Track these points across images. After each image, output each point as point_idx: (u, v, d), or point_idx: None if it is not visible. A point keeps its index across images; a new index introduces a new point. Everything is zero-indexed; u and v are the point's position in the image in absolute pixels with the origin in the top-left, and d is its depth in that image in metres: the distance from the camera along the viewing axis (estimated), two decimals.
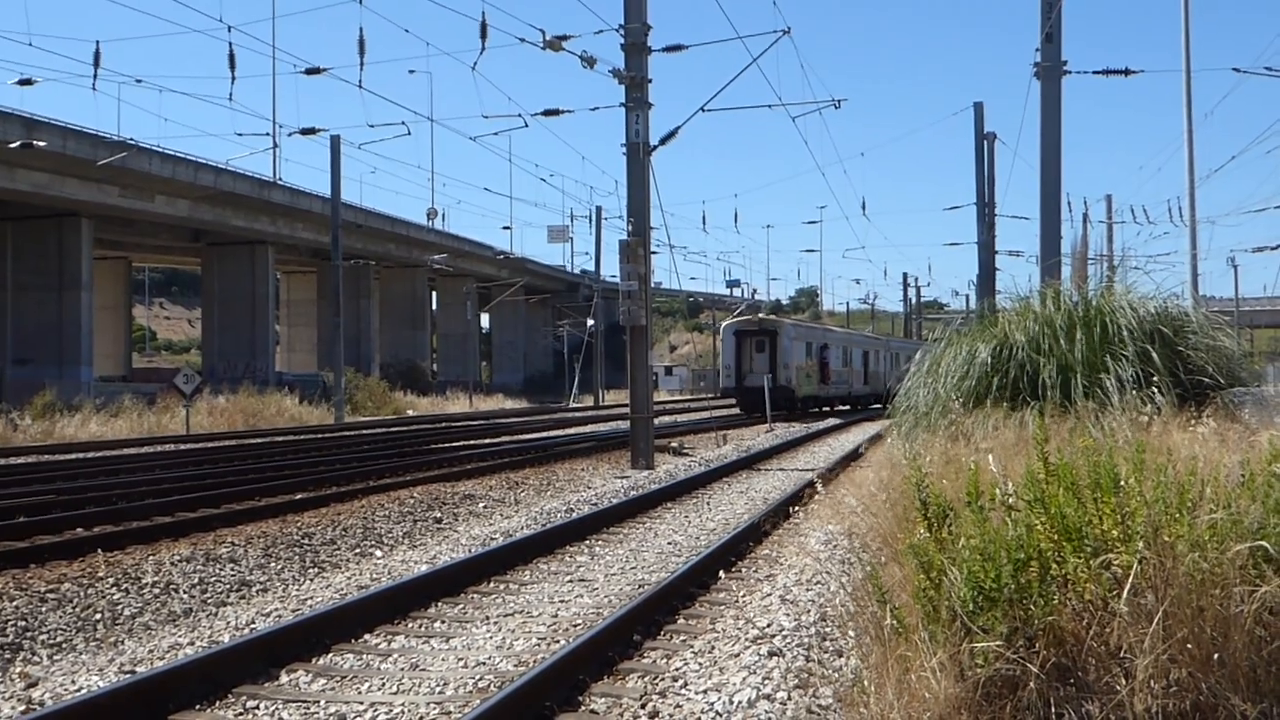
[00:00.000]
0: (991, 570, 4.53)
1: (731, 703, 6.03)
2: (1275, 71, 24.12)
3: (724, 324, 48.15)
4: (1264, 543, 4.49)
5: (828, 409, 48.54)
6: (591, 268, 67.97)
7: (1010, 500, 5.14)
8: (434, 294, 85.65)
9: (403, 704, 6.50)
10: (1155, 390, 9.98)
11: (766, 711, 5.85)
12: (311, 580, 10.91)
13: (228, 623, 8.70)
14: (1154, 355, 10.88)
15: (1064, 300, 12.42)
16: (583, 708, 6.44)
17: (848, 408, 51.75)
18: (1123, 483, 4.81)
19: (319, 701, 6.60)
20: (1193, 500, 4.72)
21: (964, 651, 4.48)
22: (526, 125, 28.50)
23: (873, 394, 55.16)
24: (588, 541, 12.57)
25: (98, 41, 28.96)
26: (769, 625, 7.58)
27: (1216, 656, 4.37)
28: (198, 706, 6.54)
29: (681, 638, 7.99)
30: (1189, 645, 4.37)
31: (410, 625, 8.56)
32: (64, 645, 8.48)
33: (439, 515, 15.06)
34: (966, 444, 9.31)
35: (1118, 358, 10.81)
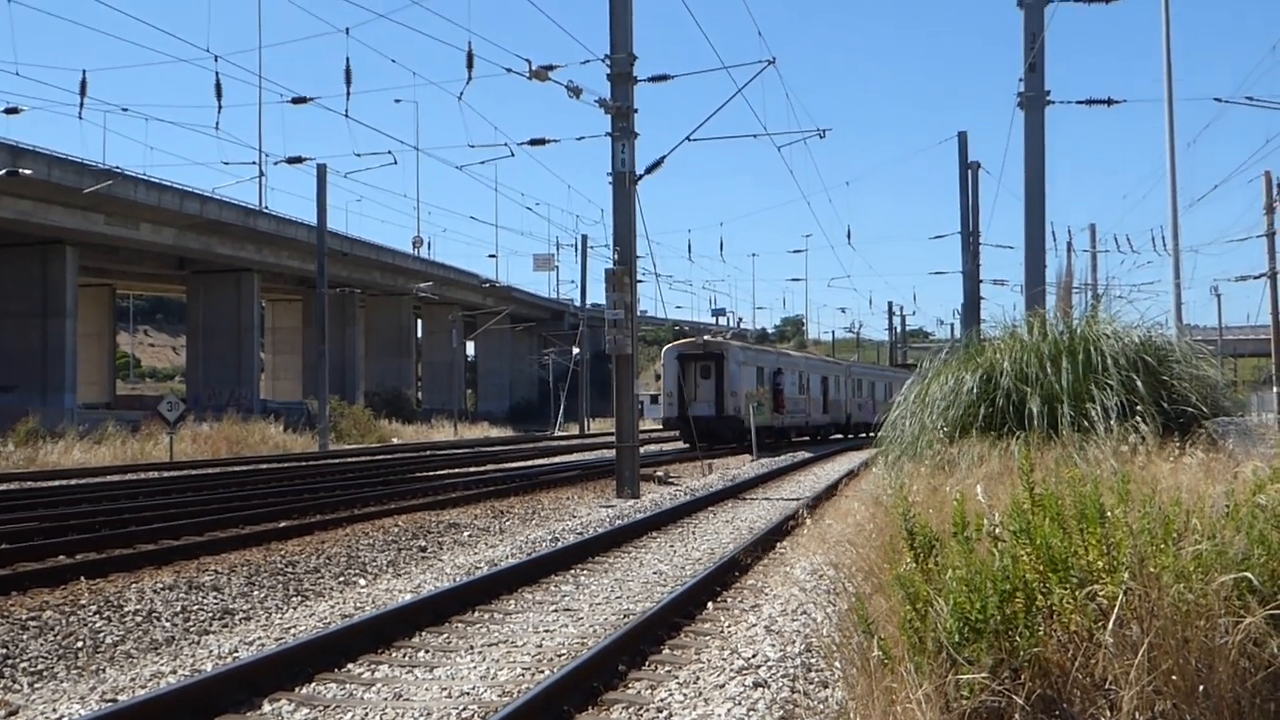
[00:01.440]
0: (977, 601, 4.53)
1: None
2: (1257, 101, 24.29)
3: (665, 348, 44.13)
4: (1248, 574, 4.50)
5: (784, 441, 43.79)
6: (577, 296, 67.98)
7: (996, 531, 5.15)
8: (419, 322, 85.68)
9: None
10: (1140, 420, 10.00)
11: None
12: (295, 609, 10.85)
13: (210, 651, 8.65)
14: (1139, 384, 10.91)
15: (1049, 329, 12.45)
16: None
17: (806, 439, 47.76)
18: (1108, 513, 4.82)
19: None
20: (1178, 531, 4.73)
21: (949, 683, 4.47)
22: (512, 154, 28.69)
23: (833, 424, 52.02)
24: (573, 571, 12.53)
25: (84, 70, 29.01)
26: (754, 656, 7.57)
27: (1201, 688, 4.37)
28: None
29: (666, 668, 7.97)
30: (1174, 676, 4.37)
31: (394, 654, 8.52)
32: (45, 673, 8.41)
33: (423, 544, 15.00)
34: (952, 474, 9.32)
35: (1103, 387, 10.83)
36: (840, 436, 51.97)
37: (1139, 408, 10.40)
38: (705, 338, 43.99)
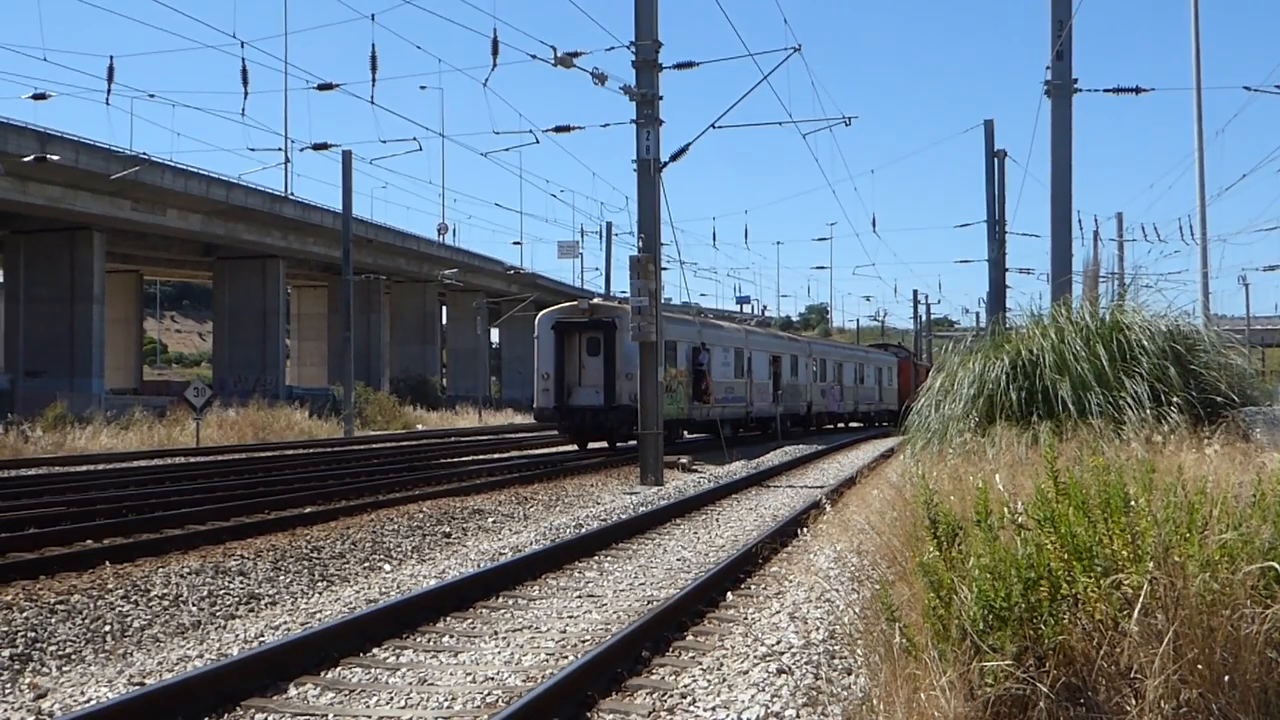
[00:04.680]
0: (1001, 589, 4.52)
1: None
2: None
3: (539, 315, 32.06)
4: (1275, 564, 4.48)
5: (709, 435, 34.57)
6: (602, 283, 67.96)
7: (1020, 519, 5.14)
8: (444, 309, 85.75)
9: (410, 718, 6.50)
10: (1171, 409, 9.98)
11: None
12: (320, 594, 10.91)
13: (236, 635, 8.71)
14: (1171, 372, 10.88)
15: (1078, 317, 12.41)
16: None
17: (757, 433, 38.95)
18: (1133, 502, 4.81)
19: (327, 715, 6.61)
20: (1203, 520, 4.71)
21: (973, 670, 4.47)
22: (538, 141, 28.64)
23: (788, 414, 41.78)
24: (597, 557, 12.56)
25: (111, 56, 29.32)
26: (778, 643, 7.57)
27: (1227, 678, 4.36)
28: (206, 719, 6.54)
29: (690, 654, 7.98)
30: (1199, 666, 4.35)
31: (418, 639, 8.56)
32: (73, 656, 8.49)
33: (448, 530, 15.05)
34: (978, 462, 9.30)
35: (1132, 375, 10.80)
36: (800, 430, 43.32)
37: (1173, 397, 10.38)
38: (594, 300, 33.34)
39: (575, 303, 32.31)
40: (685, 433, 33.26)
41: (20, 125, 40.32)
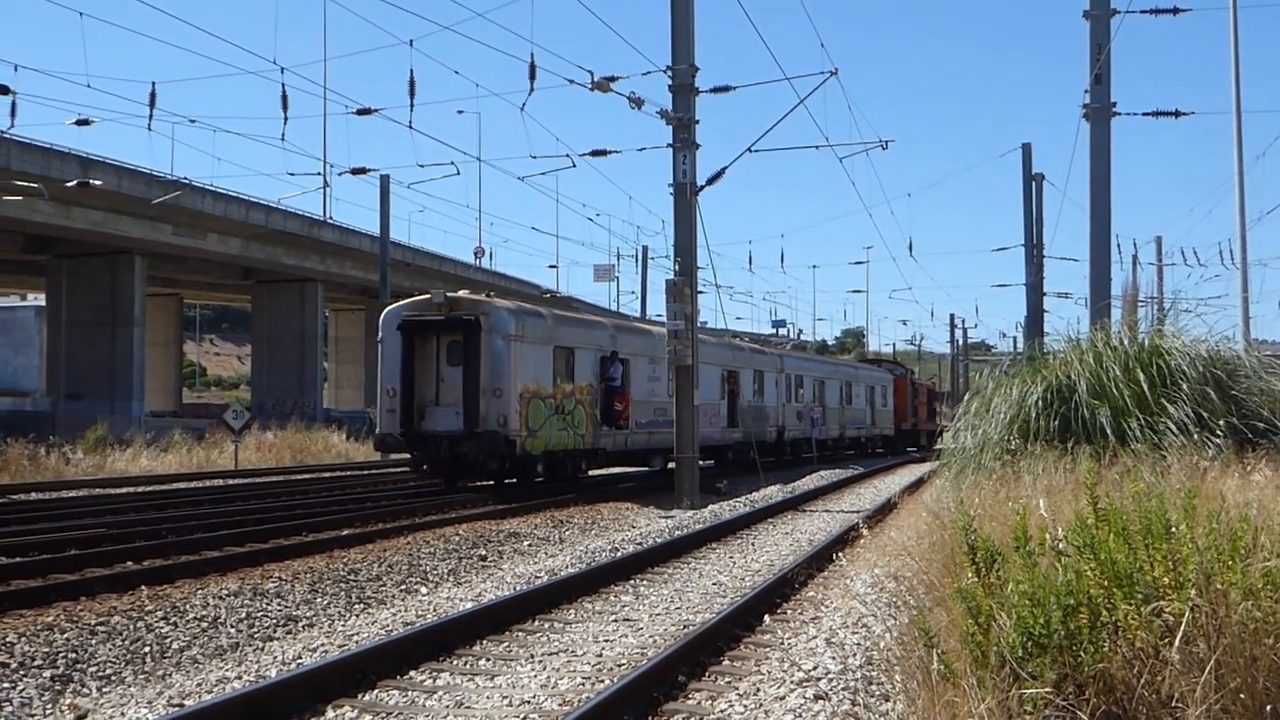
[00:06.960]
0: (1041, 616, 4.50)
1: None
2: None
3: (385, 311, 24.49)
4: None
5: (655, 469, 28.90)
6: (637, 307, 67.97)
7: (1060, 545, 5.11)
8: None
9: None
10: (1212, 434, 9.91)
11: None
12: (357, 616, 10.95)
13: (274, 658, 8.75)
14: (1213, 397, 10.80)
15: (1117, 342, 12.35)
16: None
17: (710, 462, 31.69)
18: (1174, 529, 4.77)
19: None
20: (1246, 548, 4.67)
21: (1012, 698, 4.45)
22: (574, 165, 28.60)
23: (746, 442, 33.65)
24: (632, 581, 12.55)
25: (154, 83, 29.63)
26: (815, 668, 7.54)
27: (1269, 708, 4.31)
28: None
29: (726, 679, 7.96)
30: (1242, 695, 4.31)
31: (455, 662, 8.57)
32: (113, 677, 8.55)
33: (484, 553, 15.08)
34: (1016, 486, 9.25)
35: (1174, 400, 10.73)
36: (773, 459, 35.23)
37: (1220, 421, 10.31)
38: (458, 293, 24.11)
39: (428, 295, 23.54)
40: (587, 467, 26.25)
41: (64, 151, 40.83)
